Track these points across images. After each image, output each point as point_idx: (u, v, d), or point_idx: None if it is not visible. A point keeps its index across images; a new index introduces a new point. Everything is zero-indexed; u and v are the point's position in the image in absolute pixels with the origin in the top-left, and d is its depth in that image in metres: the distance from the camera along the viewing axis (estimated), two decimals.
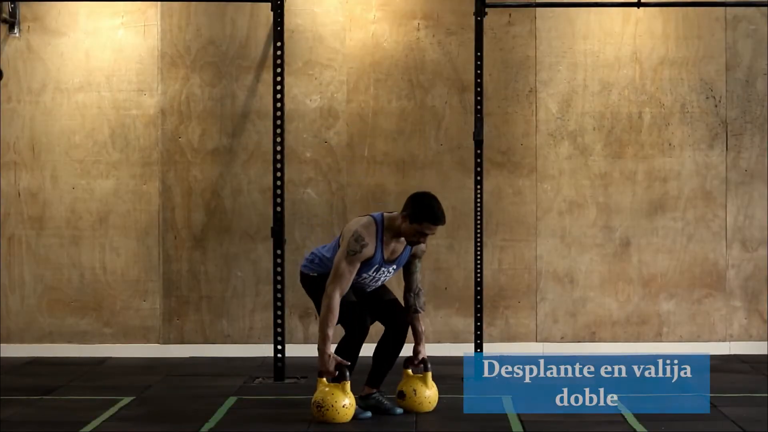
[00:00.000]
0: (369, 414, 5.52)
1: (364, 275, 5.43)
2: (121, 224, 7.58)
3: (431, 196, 5.40)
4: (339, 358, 5.36)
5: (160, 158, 7.58)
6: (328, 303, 5.31)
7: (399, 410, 5.59)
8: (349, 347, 5.47)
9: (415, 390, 5.59)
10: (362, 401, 5.59)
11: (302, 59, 7.55)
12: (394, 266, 5.51)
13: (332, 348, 5.38)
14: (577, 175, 7.59)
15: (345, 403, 5.32)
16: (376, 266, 5.42)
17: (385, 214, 5.46)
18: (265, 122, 7.45)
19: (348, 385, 5.34)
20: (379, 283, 5.55)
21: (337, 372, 5.33)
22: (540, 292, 7.61)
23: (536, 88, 7.58)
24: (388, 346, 5.58)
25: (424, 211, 5.33)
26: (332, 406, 5.30)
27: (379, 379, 5.64)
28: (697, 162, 7.59)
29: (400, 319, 5.57)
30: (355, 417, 5.46)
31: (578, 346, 7.55)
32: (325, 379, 5.38)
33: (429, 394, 5.62)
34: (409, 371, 5.66)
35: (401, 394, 5.61)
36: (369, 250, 5.35)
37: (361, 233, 5.34)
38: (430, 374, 5.64)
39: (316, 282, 5.51)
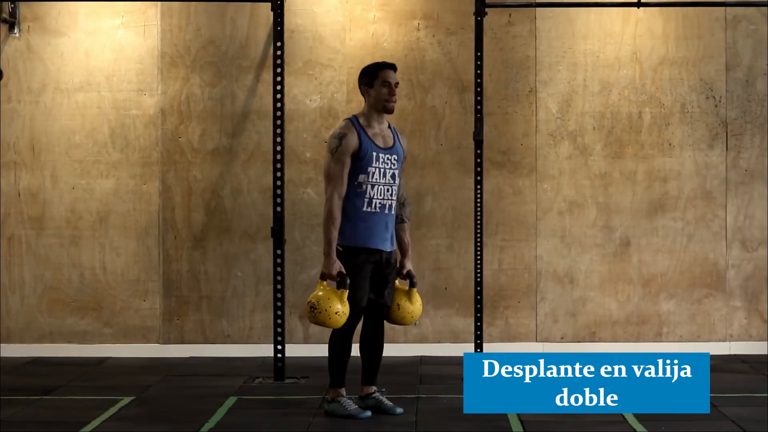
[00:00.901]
0: (369, 413, 5.52)
1: (370, 169, 5.41)
2: (121, 224, 7.59)
3: None
4: (341, 266, 5.35)
5: (160, 158, 7.58)
6: (328, 207, 5.36)
7: (399, 410, 5.59)
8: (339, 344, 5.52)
9: (399, 304, 5.60)
10: (362, 401, 5.60)
11: (302, 59, 7.55)
12: (395, 155, 5.51)
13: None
14: (577, 175, 7.60)
15: (338, 309, 5.29)
16: (374, 154, 5.42)
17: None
18: (265, 122, 7.45)
19: (345, 294, 5.32)
20: (390, 179, 5.47)
21: (338, 278, 5.33)
22: (540, 292, 7.61)
23: (536, 88, 7.58)
24: (371, 339, 5.63)
25: (370, 68, 5.56)
26: (325, 310, 5.28)
27: (373, 376, 5.65)
28: (697, 162, 7.59)
29: (377, 311, 5.59)
30: (354, 416, 5.46)
31: (578, 346, 7.55)
32: (326, 282, 5.39)
33: (412, 308, 5.62)
34: (397, 283, 5.67)
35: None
36: (351, 139, 5.40)
37: (337, 131, 5.48)
38: (415, 289, 5.63)
39: (342, 258, 5.44)
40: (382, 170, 5.46)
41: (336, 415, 5.52)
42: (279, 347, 6.63)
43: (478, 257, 6.81)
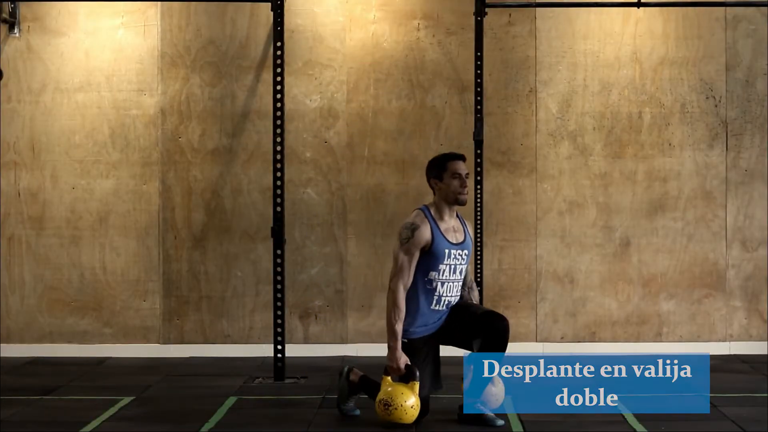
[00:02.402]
0: (357, 412, 5.52)
1: (441, 266, 5.25)
2: (121, 224, 7.59)
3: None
4: (407, 359, 5.23)
5: (160, 158, 7.58)
6: (393, 298, 5.20)
7: (500, 422, 5.34)
8: None
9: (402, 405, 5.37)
10: (345, 380, 5.57)
11: (302, 59, 7.55)
12: (465, 251, 5.34)
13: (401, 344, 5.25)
14: (577, 175, 7.60)
15: (413, 403, 5.17)
16: (446, 251, 5.25)
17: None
18: (265, 122, 7.45)
19: (417, 386, 5.20)
20: (459, 275, 5.32)
21: (407, 371, 5.21)
22: (540, 292, 7.61)
23: (536, 88, 7.58)
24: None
25: (438, 160, 5.38)
26: (401, 405, 5.15)
27: (370, 390, 5.52)
28: (697, 162, 7.59)
29: (498, 324, 5.22)
30: (346, 413, 5.47)
31: (578, 346, 7.55)
32: (390, 377, 5.26)
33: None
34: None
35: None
36: (424, 232, 5.22)
37: (409, 221, 5.28)
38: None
39: (406, 350, 5.31)
40: (452, 267, 5.30)
41: (337, 395, 5.56)
42: (279, 347, 6.63)
43: (478, 257, 6.81)
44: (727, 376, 6.72)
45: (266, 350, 7.24)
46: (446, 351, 7.47)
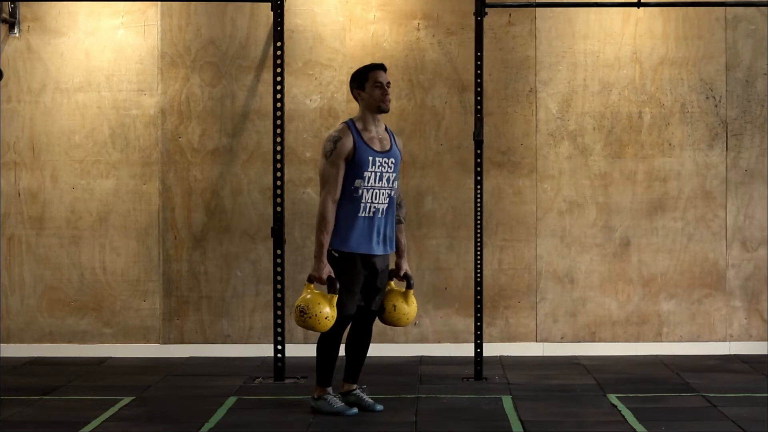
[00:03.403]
0: (355, 410, 5.55)
1: (366, 173, 5.38)
2: (121, 224, 7.59)
3: None
4: (331, 270, 5.34)
5: (160, 158, 7.58)
6: (321, 210, 5.35)
7: (379, 407, 5.61)
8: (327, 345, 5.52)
9: (395, 305, 5.58)
10: (343, 398, 5.64)
11: (302, 59, 7.56)
12: (392, 159, 5.48)
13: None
14: (577, 175, 7.60)
15: (327, 313, 5.28)
16: (369, 158, 5.39)
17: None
18: (265, 122, 7.45)
19: (335, 299, 5.31)
20: (386, 183, 5.44)
21: (328, 282, 5.33)
22: (540, 292, 7.61)
23: (536, 88, 7.58)
24: (358, 341, 5.64)
25: (360, 71, 5.55)
26: (315, 315, 5.27)
27: (355, 374, 5.69)
28: (697, 162, 7.59)
29: (367, 317, 5.59)
30: (341, 413, 5.49)
31: (578, 346, 7.55)
32: (313, 285, 5.37)
33: (408, 310, 5.60)
34: (392, 283, 5.66)
35: (381, 308, 5.61)
36: (346, 142, 5.37)
37: (331, 133, 5.46)
38: (412, 292, 5.62)
39: (335, 263, 5.43)
40: (378, 174, 5.43)
41: (322, 411, 5.54)
42: (279, 347, 6.63)
43: (478, 257, 6.81)
44: (727, 376, 6.72)
45: (266, 350, 7.24)
46: (446, 351, 7.49)
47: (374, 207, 5.43)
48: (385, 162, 5.46)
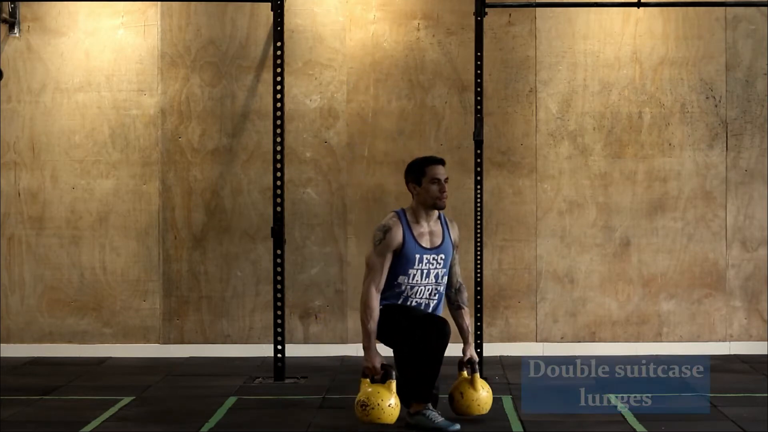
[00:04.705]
0: (458, 426, 5.17)
1: (411, 270, 5.22)
2: (121, 224, 7.59)
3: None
4: (383, 359, 5.17)
5: (160, 158, 7.58)
6: (364, 300, 5.17)
7: (456, 426, 5.20)
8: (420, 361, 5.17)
9: (462, 393, 5.36)
10: (410, 418, 5.26)
11: (302, 59, 7.55)
12: (442, 255, 5.28)
13: (376, 344, 5.19)
14: (577, 175, 7.59)
15: (391, 403, 5.09)
16: (418, 255, 5.21)
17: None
18: (265, 122, 7.45)
19: (393, 384, 5.12)
20: (434, 279, 5.27)
21: (383, 371, 5.14)
22: (540, 292, 7.61)
23: (536, 88, 7.58)
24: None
25: (416, 164, 5.34)
26: (378, 405, 5.06)
27: (423, 393, 5.25)
28: (697, 162, 7.59)
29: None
30: (442, 429, 5.14)
31: (578, 346, 7.55)
32: (368, 379, 5.18)
33: (477, 396, 5.34)
34: (463, 373, 5.44)
35: (450, 398, 5.40)
36: (395, 234, 5.18)
37: (382, 223, 5.27)
38: (477, 376, 5.38)
39: (388, 314, 5.23)
40: (425, 271, 5.25)
41: (421, 427, 5.16)
42: (279, 347, 6.63)
43: (478, 257, 6.81)
44: (727, 376, 6.71)
45: (266, 350, 7.23)
46: (446, 351, 7.46)
47: (416, 302, 5.27)
48: (433, 259, 5.26)
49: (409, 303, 5.26)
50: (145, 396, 6.17)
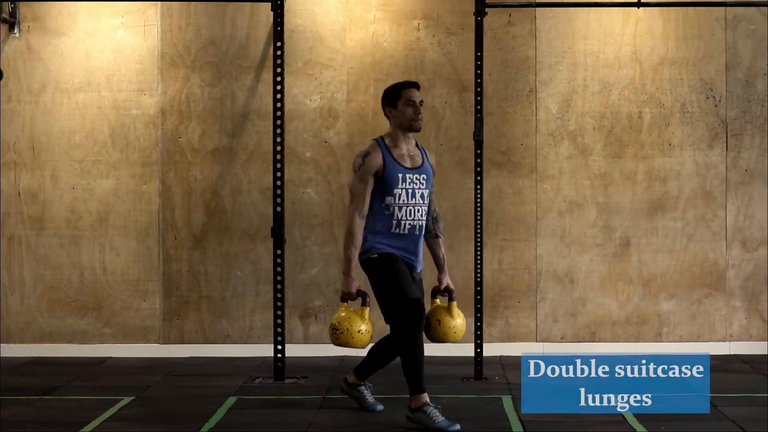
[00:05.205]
0: (458, 426, 5.21)
1: (396, 190, 5.32)
2: (121, 224, 7.59)
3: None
4: (360, 285, 5.30)
5: (160, 158, 7.58)
6: (348, 226, 5.30)
7: (380, 407, 5.60)
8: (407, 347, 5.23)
9: (439, 320, 5.47)
10: (411, 413, 5.28)
11: (302, 59, 7.55)
12: (423, 175, 5.39)
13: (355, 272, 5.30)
14: (577, 175, 7.59)
15: (361, 328, 5.26)
16: (400, 174, 5.32)
17: None
18: (265, 122, 7.45)
19: (367, 311, 5.28)
20: (419, 199, 5.35)
21: (358, 296, 5.29)
22: (540, 292, 7.61)
23: (536, 88, 7.58)
24: (387, 347, 5.55)
25: (392, 88, 5.52)
26: (347, 329, 5.25)
27: (366, 374, 5.67)
28: (697, 162, 7.59)
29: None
30: (443, 429, 5.16)
31: (578, 346, 7.55)
32: (347, 304, 5.34)
33: (454, 323, 5.48)
34: (437, 300, 5.57)
35: (426, 325, 5.45)
36: (375, 157, 5.32)
37: (361, 150, 5.43)
38: (455, 304, 5.50)
39: (375, 265, 5.31)
40: (409, 191, 5.35)
41: (422, 423, 5.18)
42: (279, 347, 6.63)
43: (478, 257, 6.81)
44: (727, 376, 6.72)
45: (266, 350, 7.24)
46: (447, 351, 7.48)
47: (409, 224, 5.35)
48: (416, 178, 5.38)
49: (402, 227, 5.33)
50: (145, 396, 6.17)
